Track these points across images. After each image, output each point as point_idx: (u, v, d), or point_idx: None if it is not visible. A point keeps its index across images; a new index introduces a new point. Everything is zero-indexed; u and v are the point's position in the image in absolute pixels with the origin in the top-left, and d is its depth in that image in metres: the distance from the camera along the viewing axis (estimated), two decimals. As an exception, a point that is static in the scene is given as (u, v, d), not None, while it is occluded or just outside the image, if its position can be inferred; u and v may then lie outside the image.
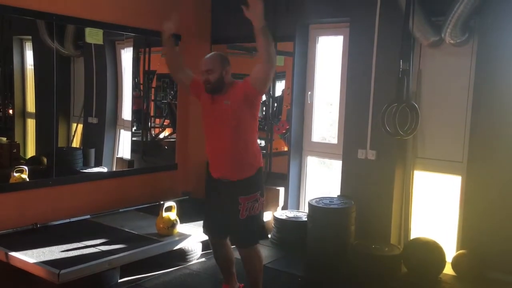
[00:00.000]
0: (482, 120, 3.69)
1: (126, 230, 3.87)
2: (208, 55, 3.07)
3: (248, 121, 2.94)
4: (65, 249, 3.36)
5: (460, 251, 3.78)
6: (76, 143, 5.28)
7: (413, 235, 4.12)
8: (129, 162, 5.33)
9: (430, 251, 3.73)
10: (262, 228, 3.23)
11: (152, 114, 5.71)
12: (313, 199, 4.14)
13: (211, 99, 2.97)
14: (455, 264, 3.75)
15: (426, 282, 3.61)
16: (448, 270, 3.75)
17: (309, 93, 4.79)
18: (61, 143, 5.06)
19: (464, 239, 3.81)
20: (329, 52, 4.78)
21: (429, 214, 4.15)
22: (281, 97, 5.12)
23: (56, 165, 4.22)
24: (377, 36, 4.08)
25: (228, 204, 2.95)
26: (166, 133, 5.89)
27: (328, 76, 4.80)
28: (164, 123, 5.88)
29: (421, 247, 3.78)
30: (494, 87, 3.62)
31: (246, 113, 2.91)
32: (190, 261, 3.88)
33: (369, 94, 4.15)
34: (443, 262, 3.72)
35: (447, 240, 3.90)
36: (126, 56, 5.42)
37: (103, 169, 5.03)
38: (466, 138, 3.83)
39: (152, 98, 5.69)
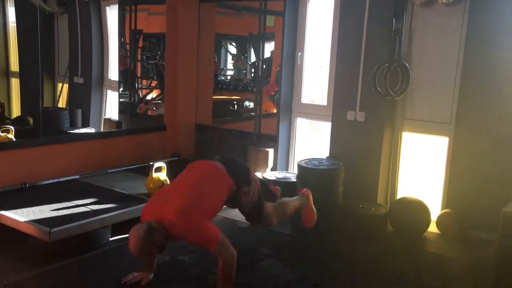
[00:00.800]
0: (472, 82, 3.71)
1: (116, 190, 3.89)
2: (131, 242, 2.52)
3: None
4: (56, 208, 3.37)
5: (445, 210, 3.88)
6: (62, 103, 5.22)
7: (400, 195, 4.21)
8: (117, 123, 5.30)
9: (415, 210, 3.82)
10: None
11: (138, 75, 5.63)
12: (302, 160, 4.19)
13: None
14: (439, 222, 3.86)
15: (411, 240, 3.71)
16: (432, 228, 3.86)
17: (299, 54, 4.75)
18: (47, 103, 5.00)
19: (449, 198, 3.91)
20: (320, 12, 4.71)
21: (416, 174, 4.23)
22: (270, 58, 5.07)
23: (42, 126, 4.17)
24: (369, -5, 4.02)
25: None
26: (154, 94, 5.83)
27: (318, 37, 4.76)
28: (152, 85, 5.81)
29: (406, 206, 3.87)
30: (484, 48, 3.62)
31: None
32: (180, 220, 3.92)
33: (359, 55, 4.13)
34: (428, 221, 3.82)
35: (433, 199, 4.00)
36: (112, 14, 5.29)
37: (91, 130, 5.00)
38: (454, 99, 3.86)
39: (139, 58, 5.60)
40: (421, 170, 4.21)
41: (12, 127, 4.05)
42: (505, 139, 3.60)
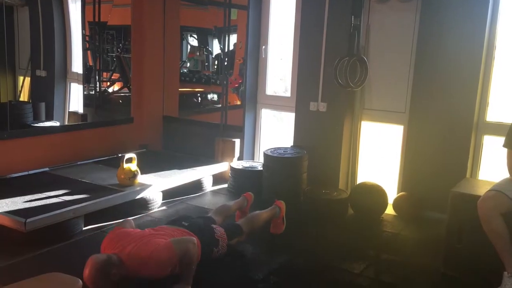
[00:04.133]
0: (424, 73, 3.99)
1: (87, 181, 3.94)
2: (87, 272, 2.42)
3: None
4: (28, 199, 3.40)
5: (400, 193, 4.18)
6: (23, 96, 5.14)
7: (360, 180, 4.47)
8: (82, 116, 5.29)
9: (374, 194, 4.09)
10: None
11: (98, 67, 5.60)
12: (268, 149, 4.37)
13: None
14: (395, 205, 4.15)
15: (370, 221, 3.98)
16: (389, 210, 4.14)
17: (263, 47, 4.91)
18: (8, 96, 4.92)
19: (404, 182, 4.20)
20: (282, 6, 4.89)
21: (374, 161, 4.50)
22: (232, 51, 5.20)
23: (4, 119, 4.14)
24: (329, -9, 4.23)
25: None
26: (116, 87, 5.83)
27: (280, 30, 4.93)
28: (113, 77, 5.80)
29: (366, 190, 4.13)
30: (436, 42, 3.90)
31: None
32: (151, 209, 4.03)
33: (321, 49, 4.34)
34: (385, 204, 4.09)
35: (390, 183, 4.28)
36: (76, 5, 5.25)
37: (55, 123, 4.98)
38: (408, 90, 4.14)
39: (100, 51, 5.58)
40: (379, 156, 4.49)
41: (-26, 121, 4.01)
42: (453, 127, 3.90)
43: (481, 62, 3.75)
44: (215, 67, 5.43)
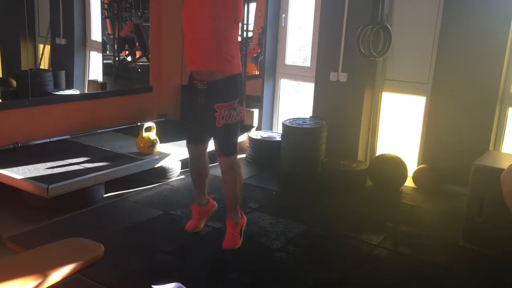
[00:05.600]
0: (448, 44, 3.88)
1: (107, 149, 3.98)
2: None
3: (229, 21, 2.74)
4: (50, 166, 3.45)
5: (421, 166, 4.13)
6: (44, 64, 5.18)
7: (379, 152, 4.42)
8: (102, 85, 5.32)
9: (393, 166, 4.06)
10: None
11: (117, 36, 5.58)
12: (286, 120, 4.34)
13: None
14: (415, 177, 4.11)
15: (389, 193, 3.96)
16: (409, 183, 4.11)
17: (284, 15, 4.82)
18: (29, 64, 4.96)
19: (425, 155, 4.15)
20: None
21: (395, 132, 4.44)
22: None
23: (25, 87, 4.18)
24: (352, -43, 4.10)
25: (205, 112, 2.85)
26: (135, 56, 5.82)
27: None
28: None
29: (385, 162, 4.09)
30: (462, 10, 3.77)
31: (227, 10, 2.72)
32: (170, 178, 4.06)
33: (342, 17, 4.24)
34: (404, 176, 4.06)
35: (410, 156, 4.23)
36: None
37: (75, 92, 5.02)
38: (432, 60, 4.03)
39: (118, 19, 5.54)
40: (400, 128, 4.42)
41: (-4, 88, 4.06)
42: (477, 99, 3.81)
43: (509, 33, 3.62)
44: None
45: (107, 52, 5.46)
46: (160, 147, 4.02)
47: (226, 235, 2.92)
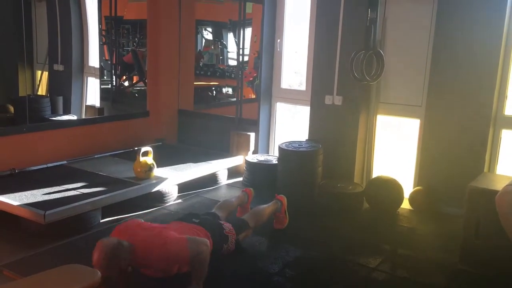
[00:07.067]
0: (441, 66, 3.94)
1: (104, 174, 3.99)
2: (96, 255, 2.33)
3: None
4: (47, 192, 3.46)
5: (417, 188, 4.14)
6: (41, 91, 5.23)
7: (375, 174, 4.44)
8: (99, 110, 5.36)
9: (390, 188, 4.06)
10: None
11: (114, 62, 5.65)
12: (283, 143, 4.37)
13: None
14: (411, 199, 4.12)
15: (386, 216, 3.96)
16: (405, 205, 4.11)
17: (279, 40, 4.90)
18: (27, 90, 5.01)
19: (420, 176, 4.17)
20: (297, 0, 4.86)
21: (390, 155, 4.47)
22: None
23: (24, 113, 4.21)
24: (345, -15, 4.19)
25: None
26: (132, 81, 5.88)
27: (296, 24, 4.91)
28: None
29: (381, 184, 4.10)
30: (453, 35, 3.85)
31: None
32: (167, 202, 4.06)
33: (336, 43, 4.31)
34: (401, 198, 4.07)
35: (406, 178, 4.25)
36: (91, 0, 5.30)
37: (72, 117, 5.05)
38: (425, 84, 4.09)
39: (116, 45, 5.63)
40: (395, 150, 4.45)
41: (-8, 115, 4.09)
42: (471, 121, 3.85)
43: (499, 55, 3.69)
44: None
45: (105, 77, 5.53)
46: (157, 172, 4.03)
47: None
